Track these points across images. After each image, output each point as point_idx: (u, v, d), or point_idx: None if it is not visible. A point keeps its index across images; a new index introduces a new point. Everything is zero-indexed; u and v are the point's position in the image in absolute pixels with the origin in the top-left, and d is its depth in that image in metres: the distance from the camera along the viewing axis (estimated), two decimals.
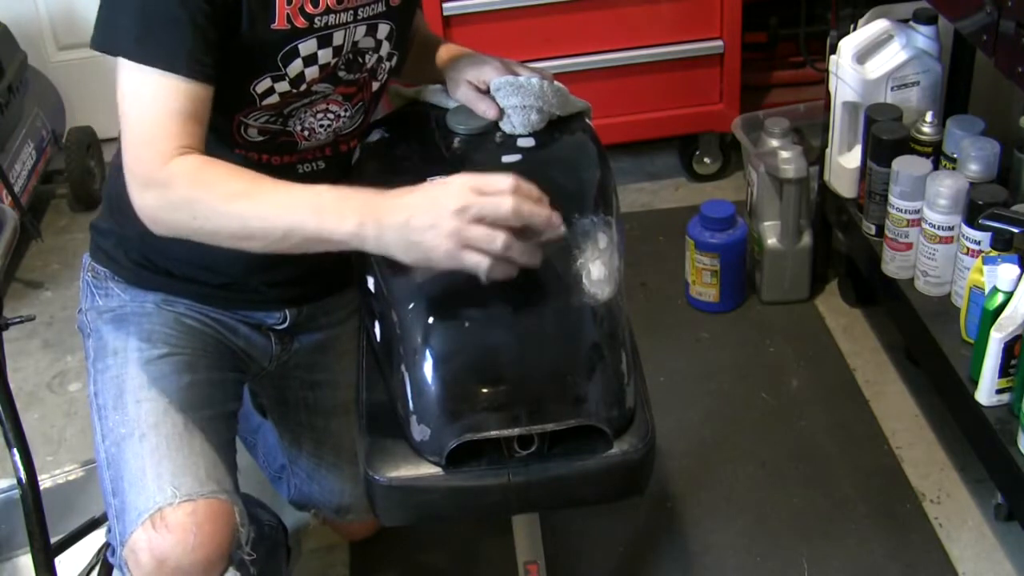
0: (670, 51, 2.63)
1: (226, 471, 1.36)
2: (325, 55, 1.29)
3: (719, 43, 2.63)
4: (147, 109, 1.16)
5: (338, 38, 1.29)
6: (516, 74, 1.38)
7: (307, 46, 1.27)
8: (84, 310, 1.49)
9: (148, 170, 1.16)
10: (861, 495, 1.92)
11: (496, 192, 1.06)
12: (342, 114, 1.38)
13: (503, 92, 1.36)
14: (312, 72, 1.30)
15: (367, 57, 1.36)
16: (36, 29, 3.05)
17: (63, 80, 3.09)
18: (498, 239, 1.05)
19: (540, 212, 1.07)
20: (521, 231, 1.07)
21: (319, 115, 1.36)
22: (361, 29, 1.31)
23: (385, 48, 1.37)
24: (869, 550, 1.82)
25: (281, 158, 1.38)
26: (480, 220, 1.05)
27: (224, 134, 1.31)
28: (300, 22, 1.25)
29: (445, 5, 2.50)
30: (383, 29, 1.34)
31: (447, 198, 1.06)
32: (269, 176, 1.16)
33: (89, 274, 1.50)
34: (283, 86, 1.29)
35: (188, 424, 1.35)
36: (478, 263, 1.06)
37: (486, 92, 1.40)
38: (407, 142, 1.42)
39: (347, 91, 1.37)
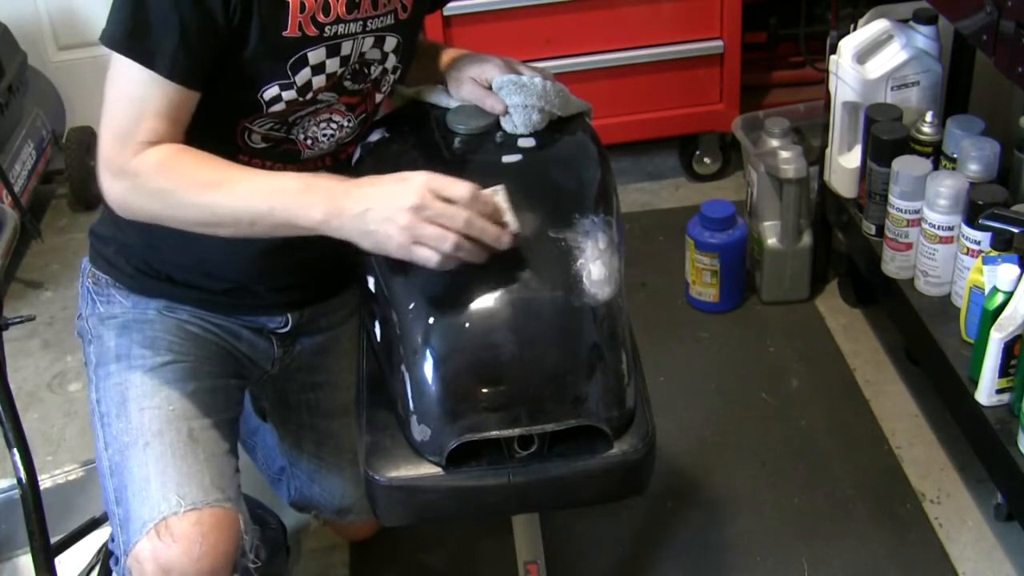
0: (670, 51, 2.63)
1: (229, 478, 1.36)
2: (333, 64, 1.30)
3: (719, 43, 2.63)
4: (128, 103, 1.20)
5: (346, 48, 1.30)
6: (519, 73, 1.38)
7: (316, 55, 1.28)
8: (85, 316, 1.49)
9: (120, 161, 1.20)
10: (861, 495, 1.92)
11: (452, 198, 1.11)
12: (345, 124, 1.39)
13: (506, 91, 1.36)
14: (319, 81, 1.30)
15: (372, 68, 1.36)
16: (36, 29, 3.05)
17: (63, 80, 3.09)
18: (448, 240, 1.10)
19: (489, 230, 1.12)
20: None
21: (322, 124, 1.36)
22: (369, 40, 1.32)
23: (391, 61, 1.38)
24: (869, 550, 1.82)
25: (284, 166, 1.38)
26: (433, 221, 1.10)
27: (228, 139, 1.32)
28: (311, 30, 1.25)
29: (445, 5, 2.49)
30: (390, 42, 1.35)
31: (404, 195, 1.11)
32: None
33: (89, 280, 1.49)
34: (290, 94, 1.29)
35: (192, 432, 1.35)
36: (427, 258, 1.11)
37: (490, 89, 1.39)
38: (407, 142, 1.42)
39: (350, 101, 1.37)
